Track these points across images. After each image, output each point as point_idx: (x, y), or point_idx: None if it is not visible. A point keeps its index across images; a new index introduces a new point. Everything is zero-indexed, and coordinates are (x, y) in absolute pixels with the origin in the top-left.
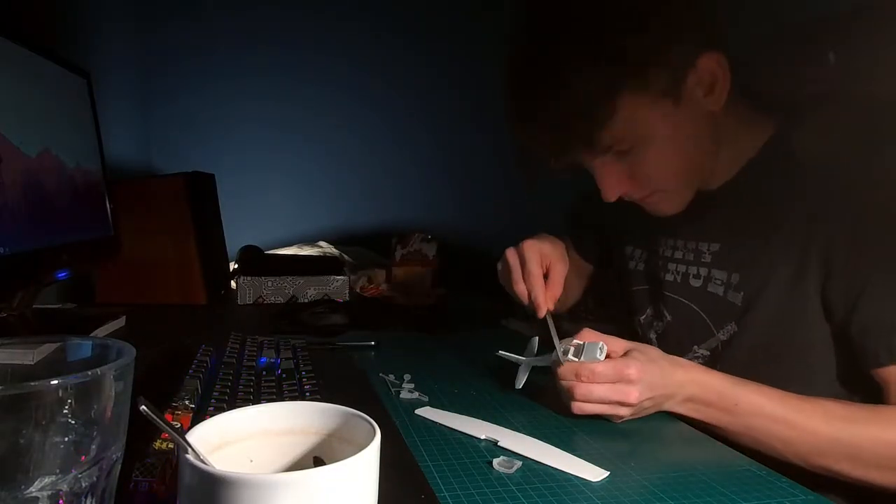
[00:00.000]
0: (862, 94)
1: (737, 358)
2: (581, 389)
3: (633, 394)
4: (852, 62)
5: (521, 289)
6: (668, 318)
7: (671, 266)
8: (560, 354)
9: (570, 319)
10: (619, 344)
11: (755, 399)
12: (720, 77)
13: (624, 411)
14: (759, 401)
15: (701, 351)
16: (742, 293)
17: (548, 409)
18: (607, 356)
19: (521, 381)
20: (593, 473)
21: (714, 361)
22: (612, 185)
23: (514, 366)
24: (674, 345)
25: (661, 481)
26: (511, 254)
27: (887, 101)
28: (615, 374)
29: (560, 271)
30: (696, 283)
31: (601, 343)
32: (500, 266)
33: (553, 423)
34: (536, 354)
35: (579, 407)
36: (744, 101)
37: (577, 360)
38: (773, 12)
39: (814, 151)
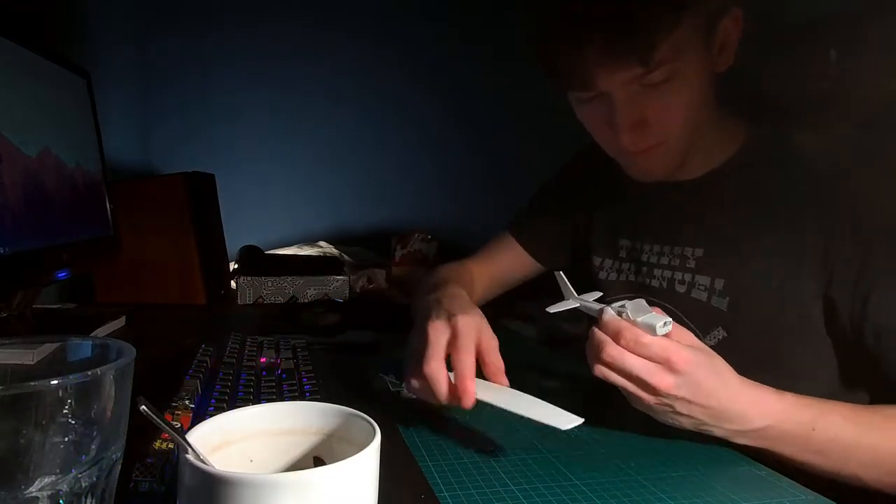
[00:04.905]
0: (864, 94)
1: (730, 363)
2: (612, 351)
3: (666, 380)
4: (856, 62)
5: (430, 369)
6: None
7: (657, 272)
8: (589, 307)
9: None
10: (689, 338)
11: (833, 420)
12: (732, 37)
13: (649, 397)
14: (836, 421)
15: None
16: (728, 298)
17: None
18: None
19: (555, 308)
20: (564, 420)
21: None
22: (632, 118)
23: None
24: None
25: (661, 481)
26: (434, 329)
27: (888, 101)
28: (660, 352)
29: (496, 347)
30: (680, 289)
31: (668, 319)
32: (414, 342)
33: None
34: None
35: (601, 371)
36: (719, 103)
37: (632, 318)
38: (771, 11)
39: (814, 151)
